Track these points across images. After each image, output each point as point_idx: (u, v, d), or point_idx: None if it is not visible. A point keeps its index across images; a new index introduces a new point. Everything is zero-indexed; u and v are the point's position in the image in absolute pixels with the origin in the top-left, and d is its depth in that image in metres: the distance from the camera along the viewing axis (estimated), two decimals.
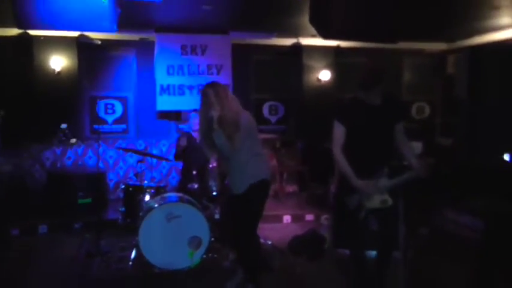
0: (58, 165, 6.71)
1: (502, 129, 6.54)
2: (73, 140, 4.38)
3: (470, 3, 5.32)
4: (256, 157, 3.47)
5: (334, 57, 7.69)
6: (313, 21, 4.37)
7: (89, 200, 5.97)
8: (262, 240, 4.48)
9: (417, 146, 3.30)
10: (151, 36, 6.90)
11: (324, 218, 5.81)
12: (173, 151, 5.67)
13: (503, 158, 5.18)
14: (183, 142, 5.27)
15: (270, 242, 5.00)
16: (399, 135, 3.33)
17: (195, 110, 5.20)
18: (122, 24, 3.85)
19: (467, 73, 7.42)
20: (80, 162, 6.82)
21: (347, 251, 3.83)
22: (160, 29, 6.82)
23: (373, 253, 3.60)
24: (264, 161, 3.61)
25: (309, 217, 6.25)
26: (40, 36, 6.45)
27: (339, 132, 3.31)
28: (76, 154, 6.83)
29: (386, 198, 3.24)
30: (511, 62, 6.31)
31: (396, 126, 3.32)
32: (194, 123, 5.14)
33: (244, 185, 3.42)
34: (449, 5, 5.36)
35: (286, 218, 6.20)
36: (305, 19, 4.85)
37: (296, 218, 6.22)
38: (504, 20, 6.04)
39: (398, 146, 3.36)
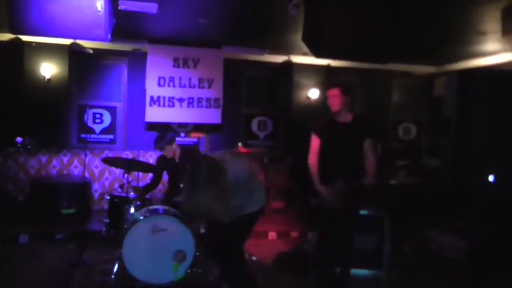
0: (43, 173, 6.62)
1: (488, 152, 6.68)
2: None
3: (458, 28, 5.46)
4: (254, 191, 3.41)
5: (325, 75, 7.76)
6: (305, 39, 4.44)
7: (72, 210, 5.89)
8: (246, 256, 4.45)
9: (403, 165, 3.47)
10: (144, 47, 6.90)
11: (310, 235, 5.80)
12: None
13: (487, 180, 5.31)
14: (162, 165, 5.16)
15: (254, 258, 4.96)
16: (365, 150, 3.79)
17: (179, 125, 5.00)
18: (116, 34, 3.85)
19: (456, 96, 7.58)
20: (65, 172, 6.73)
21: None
22: (154, 40, 6.83)
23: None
24: (262, 189, 3.51)
25: (295, 234, 6.23)
26: (32, 42, 6.39)
27: (314, 143, 3.85)
28: (62, 163, 6.74)
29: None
30: (498, 87, 6.51)
31: (363, 142, 3.77)
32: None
33: (245, 212, 3.40)
34: (438, 28, 5.49)
35: (272, 235, 6.16)
36: (297, 37, 4.92)
37: (282, 235, 6.19)
38: (490, 46, 6.21)
39: (364, 158, 3.80)
